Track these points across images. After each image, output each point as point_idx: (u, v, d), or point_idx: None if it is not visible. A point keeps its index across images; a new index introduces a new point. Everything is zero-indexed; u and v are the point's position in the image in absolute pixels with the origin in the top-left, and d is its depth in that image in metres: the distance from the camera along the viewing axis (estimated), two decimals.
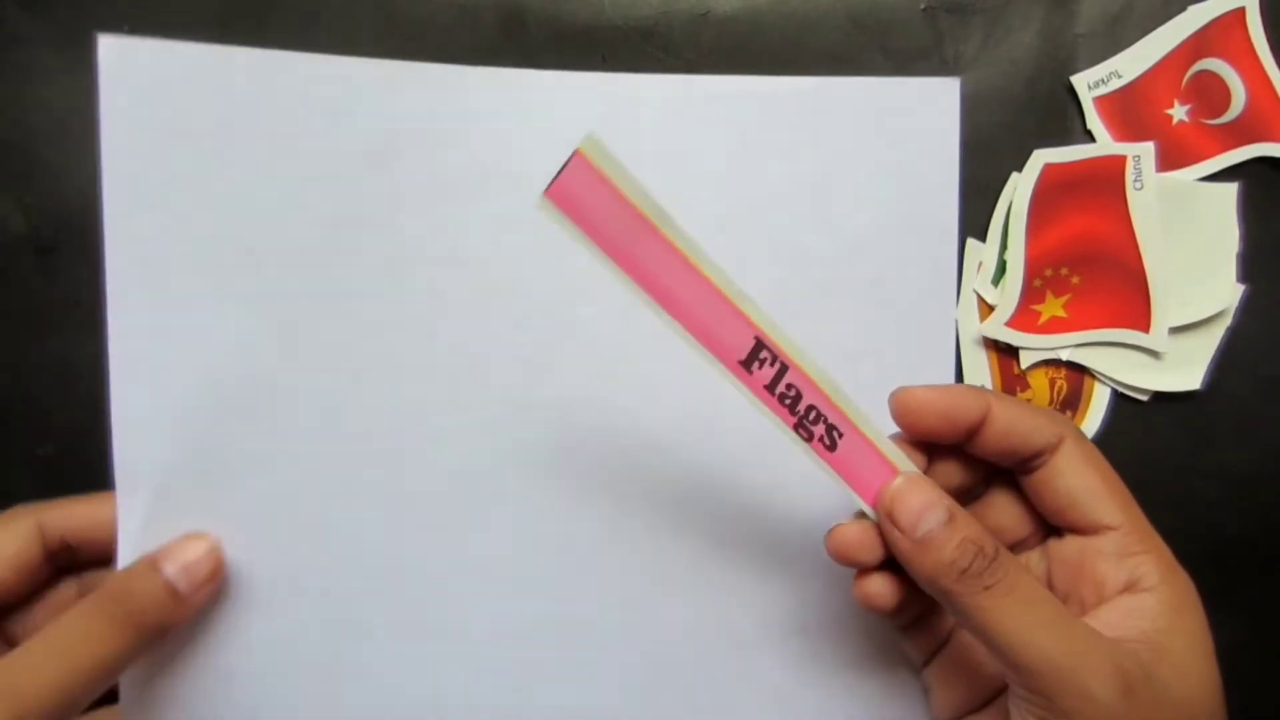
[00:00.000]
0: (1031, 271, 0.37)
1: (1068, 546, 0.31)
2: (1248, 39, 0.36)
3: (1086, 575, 0.30)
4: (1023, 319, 0.37)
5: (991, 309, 0.37)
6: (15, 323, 0.36)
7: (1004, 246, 0.37)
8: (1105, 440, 0.37)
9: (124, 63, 0.33)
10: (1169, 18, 0.37)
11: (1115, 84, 0.37)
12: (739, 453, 0.36)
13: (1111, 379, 0.37)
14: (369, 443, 0.35)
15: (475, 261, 0.35)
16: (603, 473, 0.36)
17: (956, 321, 0.37)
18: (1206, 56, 0.37)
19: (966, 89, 0.36)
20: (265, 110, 0.34)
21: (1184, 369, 0.37)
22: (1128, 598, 0.28)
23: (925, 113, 0.36)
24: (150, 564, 0.32)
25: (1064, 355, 0.37)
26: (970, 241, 0.37)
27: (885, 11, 0.37)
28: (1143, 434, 0.37)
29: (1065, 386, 0.37)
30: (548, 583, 0.36)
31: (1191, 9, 0.37)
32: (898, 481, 0.29)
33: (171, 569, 0.32)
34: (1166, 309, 0.36)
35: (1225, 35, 0.36)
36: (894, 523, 0.28)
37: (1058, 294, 0.37)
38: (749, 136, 0.36)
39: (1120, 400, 0.37)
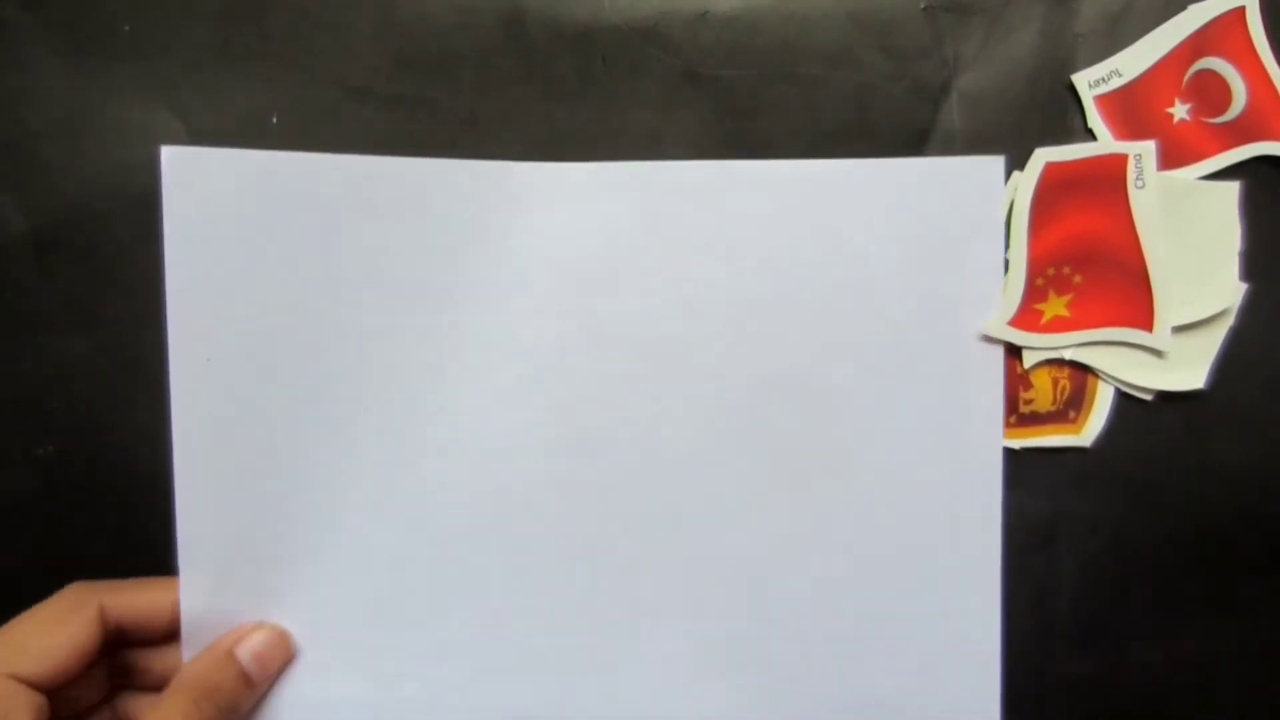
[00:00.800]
0: (1034, 270, 0.36)
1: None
2: (1248, 38, 0.36)
3: None
4: (1025, 318, 0.36)
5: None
6: (15, 323, 0.36)
7: (1006, 245, 0.37)
8: (1109, 440, 0.37)
9: (184, 171, 0.35)
10: (1169, 16, 0.37)
11: (1116, 83, 0.37)
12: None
13: (1115, 378, 0.37)
14: (422, 524, 0.36)
15: (522, 349, 0.36)
16: (646, 555, 0.36)
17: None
18: (1207, 55, 0.37)
19: (968, 88, 0.36)
20: (316, 211, 0.36)
21: (1187, 368, 0.36)
22: None
23: (968, 193, 0.36)
24: (226, 652, 0.32)
25: (1067, 354, 0.37)
26: None
27: (885, 11, 0.37)
28: (1146, 434, 0.37)
29: (1068, 386, 0.37)
30: (581, 669, 0.37)
31: (1192, 8, 0.37)
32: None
33: (246, 656, 0.33)
34: (1169, 308, 0.36)
35: (1226, 34, 0.36)
36: None
37: (1060, 293, 0.37)
38: (789, 221, 0.36)
39: (1124, 400, 0.37)
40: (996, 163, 0.36)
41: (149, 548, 0.36)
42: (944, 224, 0.36)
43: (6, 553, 0.37)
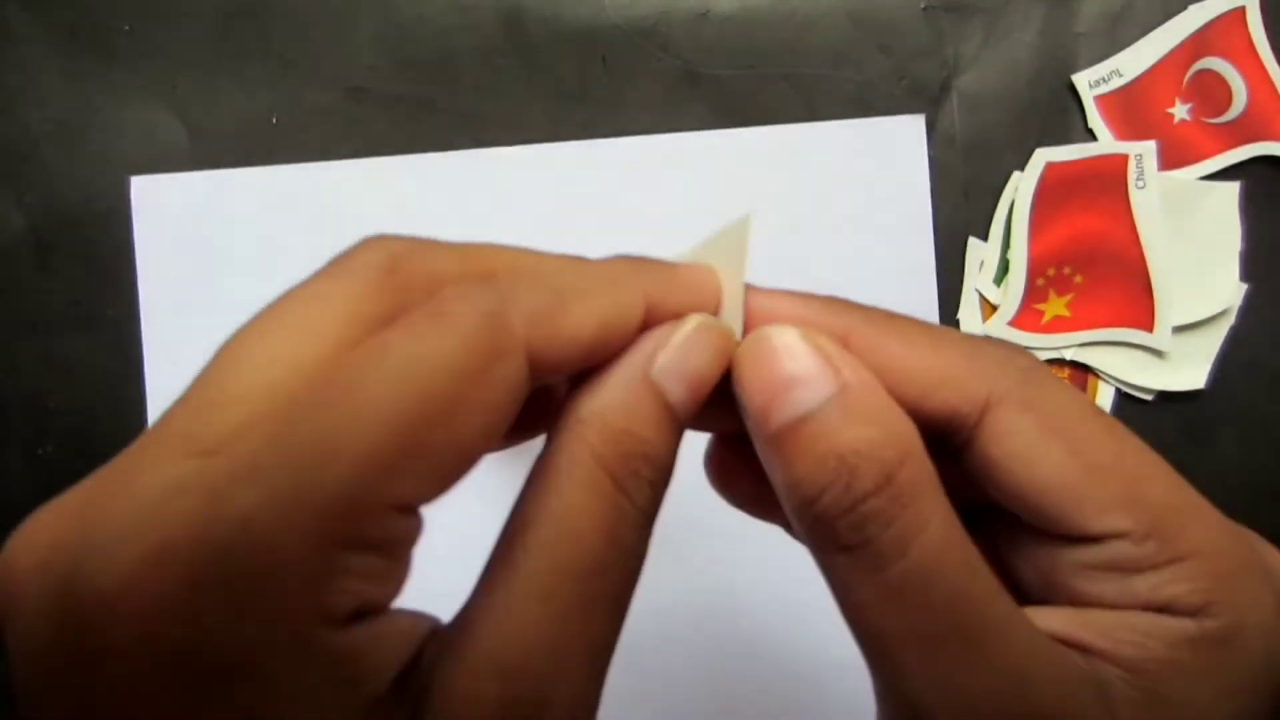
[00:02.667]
0: (1034, 270, 0.36)
1: (1032, 547, 0.18)
2: (1248, 38, 0.36)
3: (1064, 592, 0.18)
4: (1026, 318, 0.36)
5: (994, 308, 0.37)
6: (15, 323, 0.36)
7: (1006, 245, 0.37)
8: None
9: (149, 196, 0.36)
10: (1169, 16, 0.37)
11: (1116, 83, 0.37)
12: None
13: (1115, 378, 0.37)
14: None
15: None
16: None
17: (959, 322, 0.37)
18: (1207, 55, 0.36)
19: (968, 88, 0.36)
20: (266, 218, 0.37)
21: (1187, 368, 0.36)
22: (1145, 616, 0.17)
23: (892, 152, 0.37)
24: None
25: (1068, 355, 0.37)
26: (972, 240, 0.37)
27: (885, 11, 0.37)
28: (1147, 434, 0.37)
29: None
30: None
31: (1192, 8, 0.37)
32: (771, 328, 0.17)
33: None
34: (1169, 308, 0.36)
35: (1226, 34, 0.36)
36: (740, 392, 0.17)
37: (1061, 293, 0.37)
38: (721, 190, 0.37)
39: (1124, 400, 0.37)
40: (917, 121, 0.36)
41: None
42: (870, 183, 0.37)
43: None
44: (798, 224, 0.37)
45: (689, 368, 0.17)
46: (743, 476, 0.20)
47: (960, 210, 0.37)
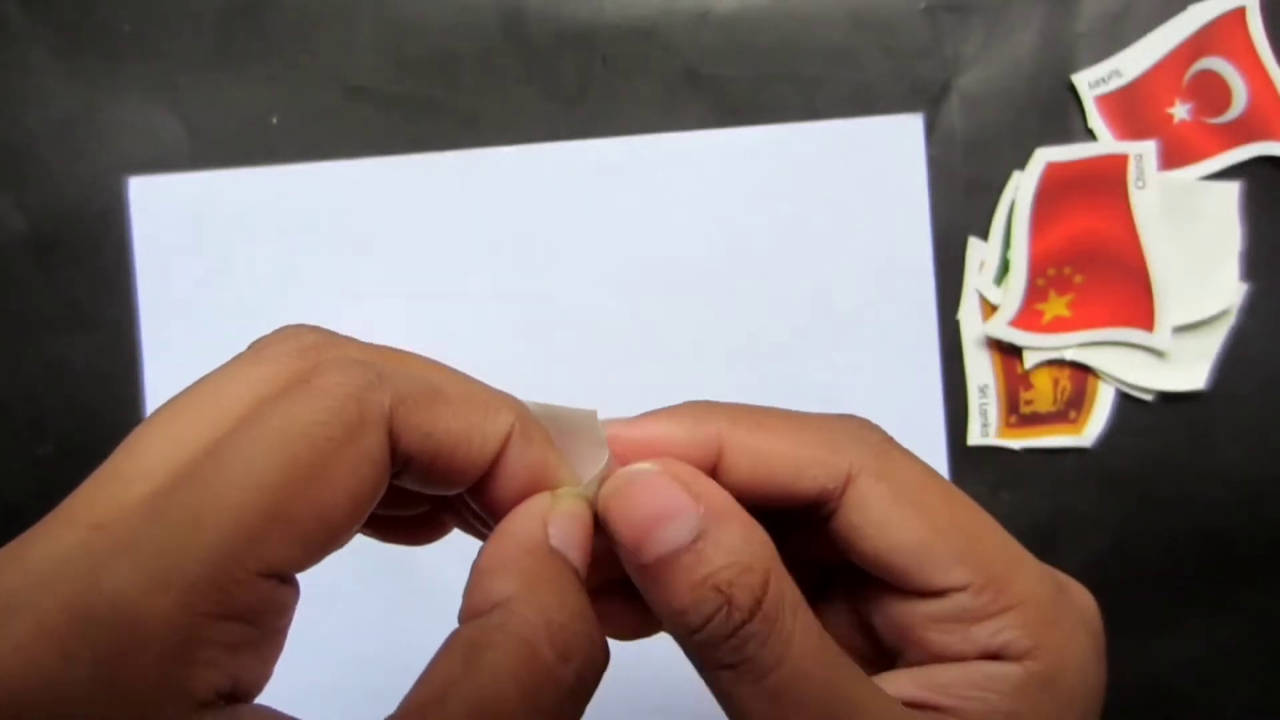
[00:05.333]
0: (1035, 270, 0.36)
1: (887, 604, 0.21)
2: (1248, 38, 0.36)
3: (915, 644, 0.20)
4: (1026, 318, 0.36)
5: (994, 309, 0.37)
6: (15, 323, 0.36)
7: (1007, 245, 0.37)
8: (1110, 441, 0.37)
9: (148, 197, 0.36)
10: (1169, 17, 0.37)
11: (1116, 83, 0.37)
12: None
13: (1116, 378, 0.37)
14: None
15: (458, 335, 0.37)
16: None
17: (959, 322, 0.37)
18: (1207, 55, 0.36)
19: (968, 88, 0.36)
20: (265, 218, 0.37)
21: (1188, 368, 0.36)
22: (980, 665, 0.19)
23: (892, 152, 0.37)
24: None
25: (1068, 355, 0.37)
26: (972, 240, 0.37)
27: (885, 10, 0.37)
28: (1147, 434, 0.37)
29: (1069, 386, 0.37)
30: None
31: (1192, 8, 0.37)
32: (618, 475, 0.19)
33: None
34: (1170, 307, 0.36)
35: (1226, 34, 0.36)
36: (612, 532, 0.19)
37: (1061, 293, 0.37)
38: (719, 189, 0.37)
39: (1124, 400, 0.37)
40: (917, 120, 0.36)
41: None
42: (870, 182, 0.37)
43: None
44: (797, 223, 0.37)
45: (580, 537, 0.19)
46: (617, 613, 0.21)
47: (960, 210, 0.37)
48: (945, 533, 0.19)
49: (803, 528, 0.20)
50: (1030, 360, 0.37)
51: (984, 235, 0.37)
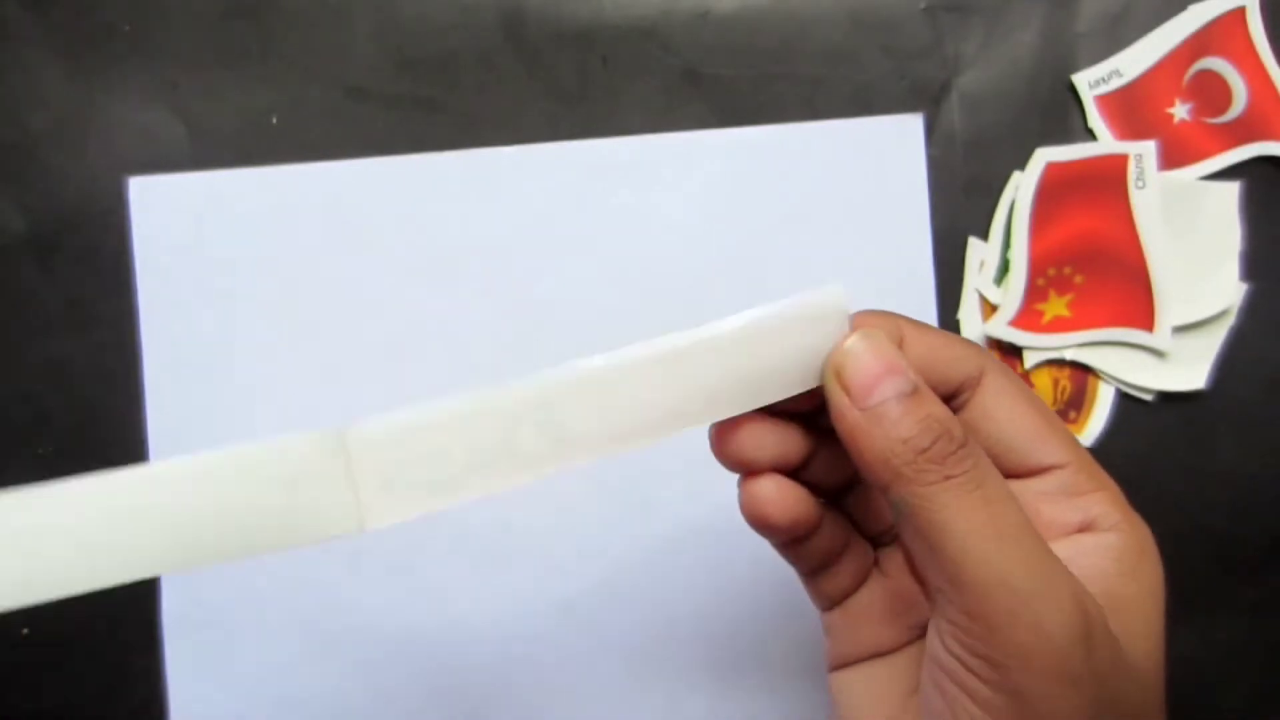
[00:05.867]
0: (1034, 270, 0.36)
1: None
2: (1248, 38, 0.36)
3: (1029, 515, 0.23)
4: (1026, 318, 0.36)
5: (994, 308, 0.37)
6: (15, 323, 0.36)
7: (1006, 245, 0.37)
8: (1110, 440, 0.37)
9: (148, 197, 0.36)
10: (1169, 16, 0.37)
11: (1116, 83, 0.37)
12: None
13: (1116, 378, 0.37)
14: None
15: (458, 335, 0.37)
16: (603, 533, 0.36)
17: (959, 322, 0.37)
18: (1207, 55, 0.37)
19: (968, 88, 0.36)
20: (266, 219, 0.37)
21: (1188, 368, 0.36)
22: (1084, 536, 0.24)
23: (892, 151, 0.37)
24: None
25: (1068, 355, 0.37)
26: (972, 240, 0.37)
27: (885, 10, 0.37)
28: (1147, 434, 0.37)
29: (1069, 386, 0.37)
30: None
31: (1192, 8, 0.37)
32: (852, 339, 0.23)
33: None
34: (1170, 308, 0.36)
35: (1226, 34, 0.36)
36: (842, 386, 0.23)
37: (1061, 293, 0.37)
38: (719, 189, 0.37)
39: (1124, 400, 0.37)
40: (916, 120, 0.36)
41: None
42: (869, 182, 0.37)
43: None
44: (797, 223, 0.37)
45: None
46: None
47: (960, 210, 0.37)
48: (1051, 421, 0.25)
49: None
50: (1030, 360, 0.37)
51: (984, 235, 0.37)
